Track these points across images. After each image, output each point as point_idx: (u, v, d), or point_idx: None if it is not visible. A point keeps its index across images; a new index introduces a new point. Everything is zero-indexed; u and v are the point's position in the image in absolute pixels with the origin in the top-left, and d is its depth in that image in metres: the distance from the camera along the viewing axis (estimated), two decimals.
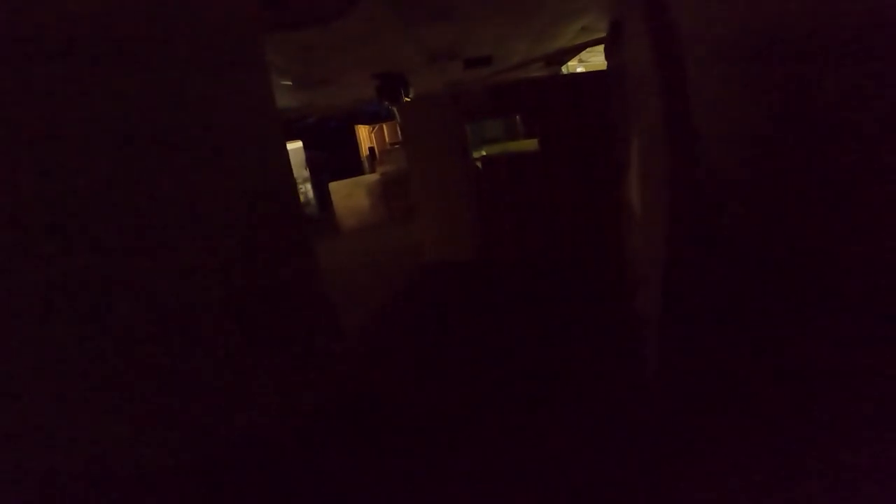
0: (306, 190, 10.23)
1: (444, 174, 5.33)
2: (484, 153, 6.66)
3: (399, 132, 8.26)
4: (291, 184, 2.57)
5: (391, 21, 3.97)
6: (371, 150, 11.20)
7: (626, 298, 3.69)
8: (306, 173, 10.78)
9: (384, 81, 7.47)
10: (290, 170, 2.68)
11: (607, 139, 4.45)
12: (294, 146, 11.00)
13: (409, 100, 6.51)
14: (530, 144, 5.63)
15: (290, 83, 6.23)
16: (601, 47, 6.94)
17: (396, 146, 9.79)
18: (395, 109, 5.85)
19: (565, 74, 8.11)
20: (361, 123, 11.33)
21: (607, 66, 4.43)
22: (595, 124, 4.58)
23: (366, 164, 10.91)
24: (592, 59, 8.09)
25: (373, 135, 11.43)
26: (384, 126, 11.64)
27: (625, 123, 3.29)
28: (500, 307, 4.21)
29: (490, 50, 6.30)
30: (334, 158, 14.22)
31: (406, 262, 5.86)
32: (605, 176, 4.57)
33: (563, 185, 4.94)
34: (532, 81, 5.55)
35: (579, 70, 8.51)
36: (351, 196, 8.20)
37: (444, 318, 4.21)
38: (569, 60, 7.95)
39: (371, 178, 8.63)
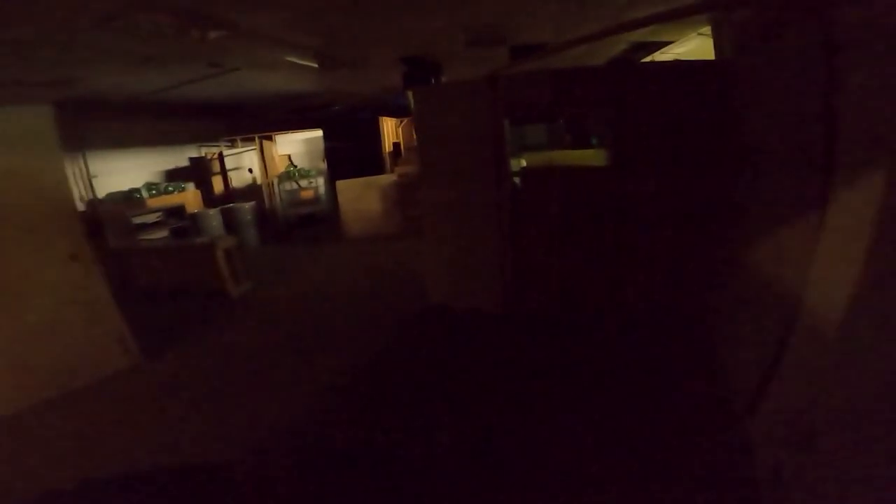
0: (318, 185, 9.09)
1: (466, 188, 3.86)
2: (523, 163, 5.31)
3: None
4: None
5: None
6: (396, 146, 9.95)
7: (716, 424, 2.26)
8: (323, 166, 9.72)
9: (412, 67, 6.34)
10: None
11: (721, 162, 3.02)
12: (314, 135, 9.94)
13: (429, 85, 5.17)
14: (590, 157, 4.23)
15: (314, 65, 5.24)
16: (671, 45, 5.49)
17: None
18: (409, 95, 4.45)
19: (660, 62, 6.01)
20: (388, 115, 10.09)
21: (739, 52, 2.99)
22: (702, 137, 3.12)
23: (388, 162, 9.66)
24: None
25: (400, 129, 10.16)
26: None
27: (778, 142, 1.88)
28: (523, 377, 2.89)
29: (546, 36, 5.01)
30: (357, 152, 13.07)
31: (414, 290, 4.53)
32: (708, 218, 3.12)
33: (638, 218, 3.46)
34: (608, 70, 3.93)
35: None
36: (361, 198, 6.97)
37: (445, 376, 3.03)
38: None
39: (387, 178, 7.37)
